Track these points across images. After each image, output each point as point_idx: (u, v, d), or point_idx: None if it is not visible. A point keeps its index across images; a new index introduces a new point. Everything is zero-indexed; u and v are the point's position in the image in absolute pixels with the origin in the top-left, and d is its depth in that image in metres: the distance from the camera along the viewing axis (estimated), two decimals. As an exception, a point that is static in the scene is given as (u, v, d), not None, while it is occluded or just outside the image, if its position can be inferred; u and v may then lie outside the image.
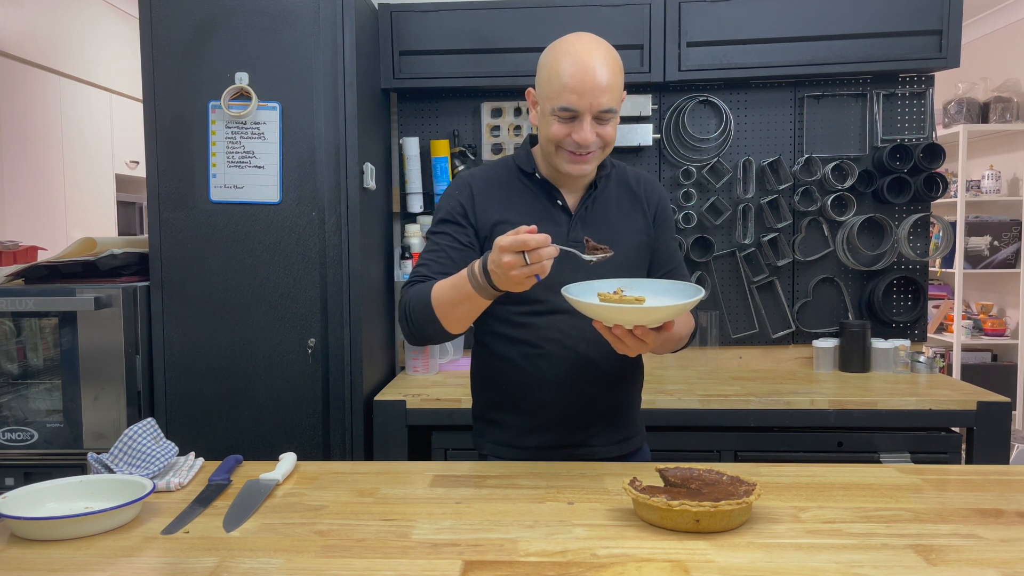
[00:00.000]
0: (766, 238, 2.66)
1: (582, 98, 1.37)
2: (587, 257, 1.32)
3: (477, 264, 1.29)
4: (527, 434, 1.54)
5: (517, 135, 2.68)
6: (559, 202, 1.52)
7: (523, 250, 1.19)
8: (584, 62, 1.37)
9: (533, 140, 1.57)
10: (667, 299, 1.33)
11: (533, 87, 1.49)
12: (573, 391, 1.51)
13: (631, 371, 1.59)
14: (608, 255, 1.31)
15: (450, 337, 1.41)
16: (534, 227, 1.21)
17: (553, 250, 1.21)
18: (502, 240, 1.21)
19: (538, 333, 1.50)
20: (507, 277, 1.22)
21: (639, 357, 1.61)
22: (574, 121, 1.40)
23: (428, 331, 1.40)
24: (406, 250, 2.62)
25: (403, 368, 2.70)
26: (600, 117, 1.40)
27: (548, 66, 1.42)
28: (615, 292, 1.33)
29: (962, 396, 2.22)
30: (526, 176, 1.54)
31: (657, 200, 1.59)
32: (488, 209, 1.51)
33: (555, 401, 1.51)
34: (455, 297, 1.33)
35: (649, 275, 1.58)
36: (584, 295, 1.32)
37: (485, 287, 1.28)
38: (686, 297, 1.32)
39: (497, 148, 2.69)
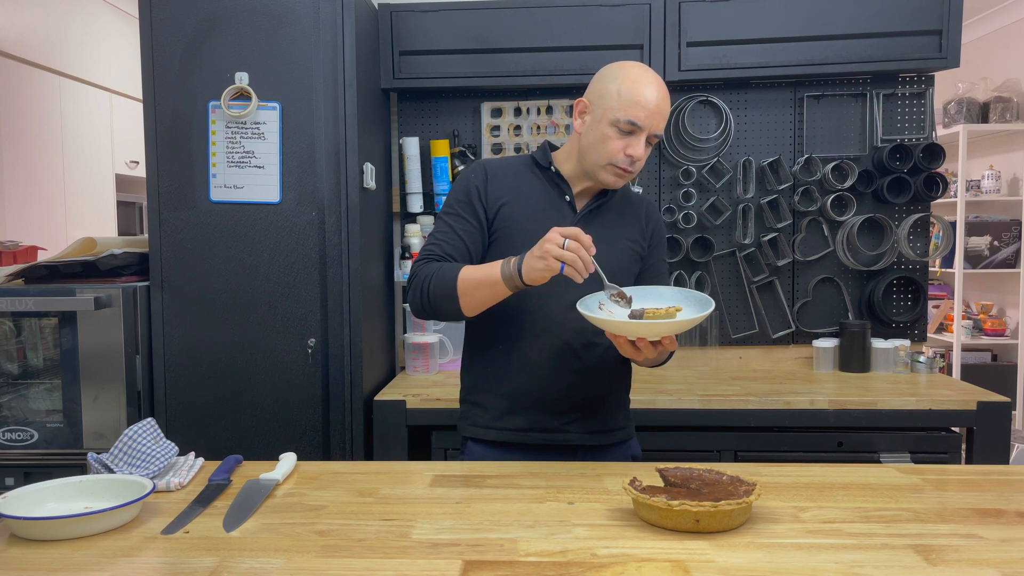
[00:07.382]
0: (766, 238, 2.66)
1: (650, 117, 1.48)
2: (608, 288, 1.42)
3: (515, 258, 1.40)
4: (505, 416, 1.60)
5: (517, 135, 2.68)
6: (567, 197, 1.60)
7: (572, 238, 1.31)
8: (656, 87, 1.49)
9: (551, 146, 1.66)
10: (686, 308, 1.42)
11: (583, 97, 1.55)
12: (552, 377, 1.58)
13: (611, 366, 1.62)
14: (623, 301, 1.42)
15: (460, 318, 1.50)
16: (589, 238, 1.33)
17: (589, 259, 1.32)
18: (558, 228, 1.33)
19: (529, 317, 1.57)
20: (540, 250, 1.33)
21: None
22: (631, 136, 1.49)
23: (442, 308, 1.48)
24: (406, 250, 2.62)
25: (403, 368, 2.69)
26: (651, 140, 1.52)
27: (617, 80, 1.50)
28: (632, 306, 1.43)
29: (962, 396, 2.22)
30: (540, 169, 1.63)
31: (655, 223, 1.70)
32: (499, 190, 1.59)
33: (534, 384, 1.58)
34: (481, 280, 1.43)
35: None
36: (589, 305, 1.42)
37: (513, 276, 1.39)
38: (696, 302, 1.42)
39: (497, 148, 2.69)
